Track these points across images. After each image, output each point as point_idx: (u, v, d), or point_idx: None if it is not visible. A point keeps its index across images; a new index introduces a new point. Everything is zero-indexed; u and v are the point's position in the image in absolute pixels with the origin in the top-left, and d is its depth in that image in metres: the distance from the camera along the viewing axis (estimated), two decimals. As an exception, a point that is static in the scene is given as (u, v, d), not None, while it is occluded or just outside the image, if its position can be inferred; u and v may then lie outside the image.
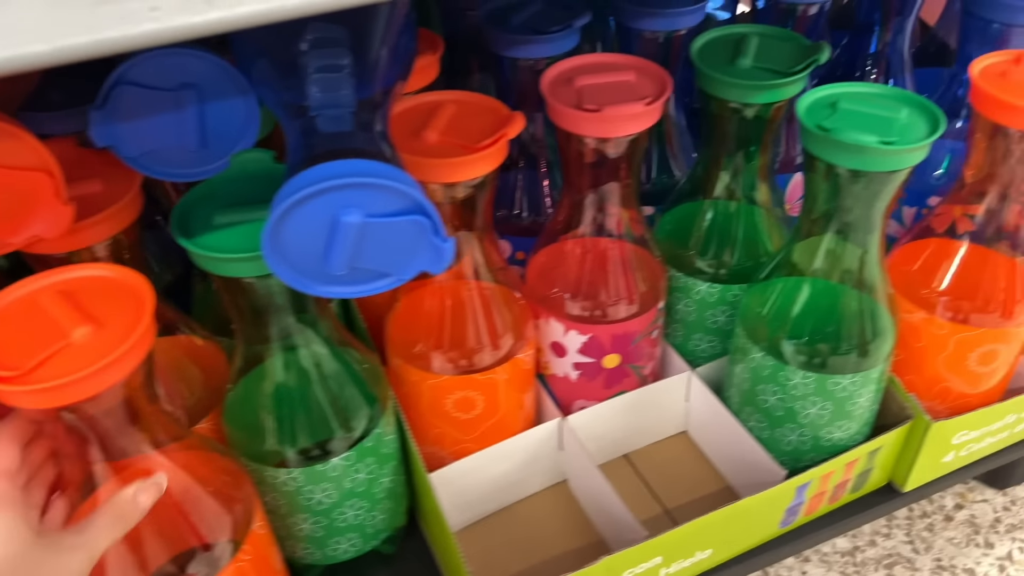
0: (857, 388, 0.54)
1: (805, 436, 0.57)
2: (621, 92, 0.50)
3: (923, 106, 0.48)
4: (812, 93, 0.49)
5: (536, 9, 0.60)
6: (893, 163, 0.45)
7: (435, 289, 0.54)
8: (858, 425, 0.58)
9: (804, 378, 0.54)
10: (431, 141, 0.46)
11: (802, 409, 0.56)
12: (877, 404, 0.58)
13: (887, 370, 0.57)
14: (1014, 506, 0.81)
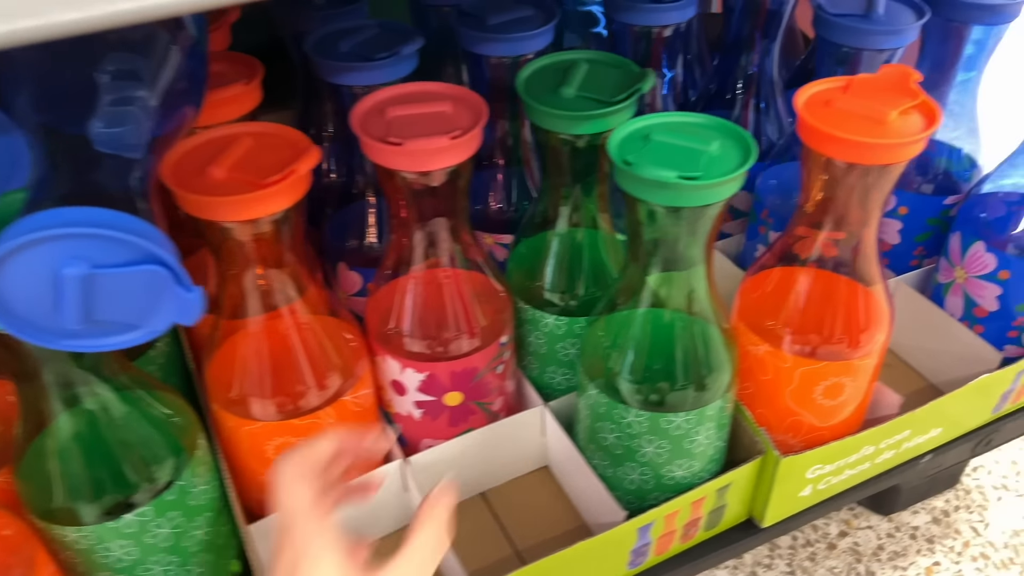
0: (693, 426, 0.53)
1: (646, 475, 0.55)
2: (432, 124, 0.48)
3: (737, 136, 0.46)
4: (627, 125, 0.47)
5: (368, 36, 0.57)
6: (696, 199, 0.43)
7: (254, 330, 0.51)
8: (702, 463, 0.56)
9: (637, 416, 0.52)
10: (217, 177, 0.44)
11: (639, 448, 0.54)
12: (722, 440, 0.56)
13: (729, 406, 0.55)
14: (898, 532, 0.79)
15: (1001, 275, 0.64)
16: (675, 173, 0.42)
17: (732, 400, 0.55)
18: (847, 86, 0.50)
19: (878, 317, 0.55)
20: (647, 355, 0.51)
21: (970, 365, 0.66)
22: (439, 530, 0.37)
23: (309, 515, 0.36)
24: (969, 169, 0.72)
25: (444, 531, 0.37)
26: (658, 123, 0.47)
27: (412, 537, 0.37)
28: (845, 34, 0.59)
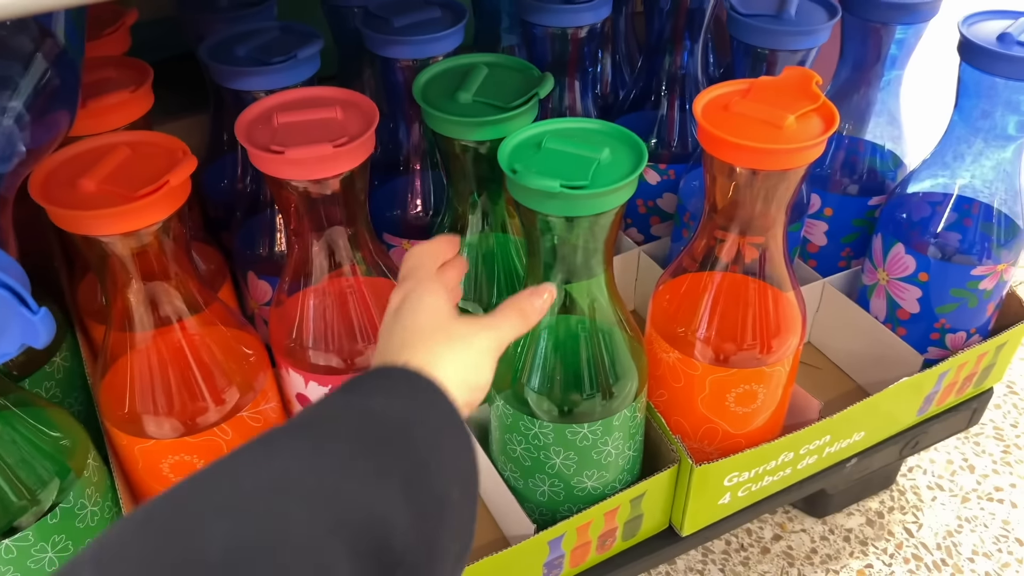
0: (600, 436, 0.51)
1: (557, 487, 0.54)
2: (319, 131, 0.46)
3: (631, 143, 0.45)
4: (519, 133, 0.46)
5: (268, 39, 0.56)
6: (581, 208, 0.42)
7: (144, 345, 0.49)
8: (613, 473, 0.55)
9: (542, 428, 0.51)
10: (88, 190, 0.42)
11: (548, 459, 0.53)
12: (633, 450, 0.55)
13: (639, 415, 0.54)
14: (832, 535, 0.79)
15: (921, 277, 0.63)
16: (558, 182, 0.41)
17: (642, 409, 0.54)
18: (748, 90, 0.49)
19: (789, 322, 0.54)
20: (551, 365, 0.50)
21: (894, 368, 0.66)
22: (526, 307, 0.41)
23: (423, 269, 0.41)
24: (895, 169, 0.71)
25: (531, 311, 0.41)
26: (551, 130, 0.46)
27: (502, 307, 0.41)
28: (757, 35, 0.58)
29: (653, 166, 0.73)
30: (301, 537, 0.26)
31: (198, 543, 0.25)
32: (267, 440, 0.31)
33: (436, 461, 0.32)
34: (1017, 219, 0.62)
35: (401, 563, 0.29)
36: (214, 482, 0.28)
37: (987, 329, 0.67)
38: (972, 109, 0.59)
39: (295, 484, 0.28)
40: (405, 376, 0.35)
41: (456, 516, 0.33)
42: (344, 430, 0.31)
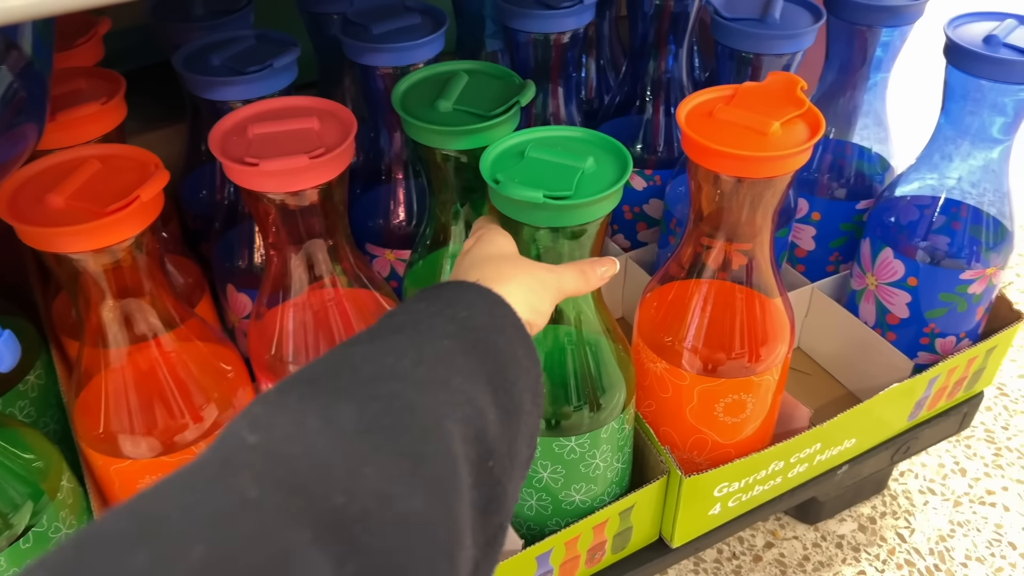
0: (588, 449, 0.51)
1: (544, 500, 0.53)
2: (295, 142, 0.45)
3: (615, 151, 0.44)
4: (502, 141, 0.45)
5: (243, 48, 0.55)
6: (563, 219, 0.41)
7: (118, 363, 0.48)
8: (602, 486, 0.54)
9: None
10: (55, 206, 0.41)
11: (534, 473, 0.52)
12: (621, 462, 0.54)
13: (627, 427, 0.53)
14: (824, 542, 0.78)
15: (910, 282, 0.63)
16: (542, 192, 0.40)
17: (630, 420, 0.53)
18: (733, 96, 0.48)
19: (777, 330, 0.53)
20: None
21: (884, 373, 0.65)
22: (587, 269, 0.42)
23: (495, 224, 0.43)
24: (882, 172, 0.71)
25: (592, 274, 0.42)
26: (534, 139, 0.45)
27: (565, 263, 0.42)
28: (741, 39, 0.58)
29: (639, 172, 0.73)
30: (424, 417, 0.29)
31: (333, 415, 0.27)
32: (375, 335, 0.33)
33: (514, 369, 0.34)
34: (1005, 221, 0.61)
35: (492, 454, 0.31)
36: (334, 368, 0.30)
37: (977, 333, 0.66)
38: (959, 112, 0.58)
39: (409, 373, 0.30)
40: (478, 291, 0.37)
41: (527, 423, 0.35)
42: (440, 330, 0.33)
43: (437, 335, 0.33)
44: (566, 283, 0.41)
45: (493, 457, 0.31)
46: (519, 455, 0.34)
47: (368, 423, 0.27)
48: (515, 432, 0.33)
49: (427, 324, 0.34)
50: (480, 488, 0.30)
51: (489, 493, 0.31)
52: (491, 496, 0.31)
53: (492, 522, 0.31)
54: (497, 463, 0.31)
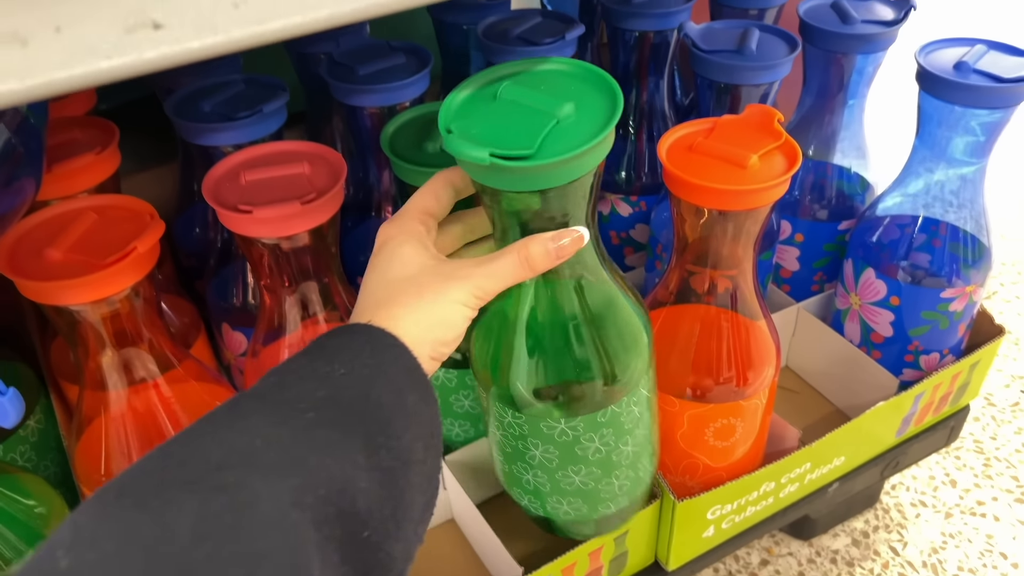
0: (583, 432, 0.46)
1: (541, 478, 0.49)
2: (287, 188, 0.46)
3: (606, 91, 0.37)
4: (478, 78, 0.39)
5: (233, 92, 0.56)
6: (523, 181, 0.35)
7: (118, 410, 0.49)
8: (607, 469, 0.48)
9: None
10: (53, 259, 0.42)
11: (526, 449, 0.48)
12: (636, 445, 0.49)
13: (636, 408, 0.47)
14: (819, 557, 0.79)
15: (892, 301, 0.64)
16: (488, 151, 0.34)
17: (642, 402, 0.47)
18: (712, 129, 0.50)
19: (763, 355, 0.54)
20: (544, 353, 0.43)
21: (871, 391, 0.66)
22: (533, 252, 0.37)
23: (408, 212, 0.40)
24: (862, 192, 0.72)
25: (539, 256, 0.37)
26: (512, 74, 0.39)
27: (506, 247, 0.38)
28: (719, 71, 0.59)
29: (625, 198, 0.74)
30: (267, 511, 0.27)
31: (169, 520, 0.26)
32: (233, 408, 0.31)
33: (400, 420, 0.33)
34: (983, 238, 0.63)
35: (367, 524, 0.30)
36: (183, 456, 0.29)
37: (960, 349, 0.67)
38: (933, 134, 0.59)
39: (260, 456, 0.29)
40: (367, 335, 0.35)
41: (421, 471, 0.34)
42: (307, 398, 0.32)
43: (303, 405, 0.31)
44: (488, 284, 0.37)
45: (369, 527, 0.30)
46: (411, 507, 0.33)
47: (207, 525, 0.26)
48: (402, 488, 0.32)
49: (294, 392, 0.32)
50: (354, 562, 0.29)
51: (368, 562, 0.30)
52: (372, 564, 0.30)
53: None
54: (375, 530, 0.30)
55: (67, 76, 0.25)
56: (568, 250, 0.38)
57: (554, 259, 0.37)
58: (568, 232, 0.38)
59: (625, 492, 0.50)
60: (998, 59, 0.57)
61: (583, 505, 0.50)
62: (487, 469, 0.63)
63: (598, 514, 0.51)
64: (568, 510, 0.50)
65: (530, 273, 0.37)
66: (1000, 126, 0.57)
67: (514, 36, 0.63)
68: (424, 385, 0.35)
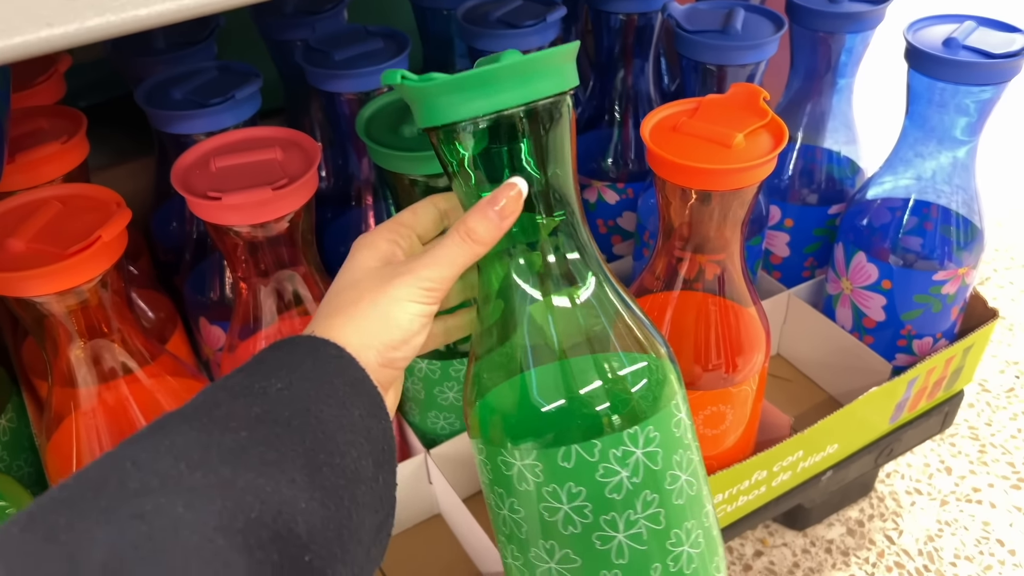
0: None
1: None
2: (258, 174, 0.45)
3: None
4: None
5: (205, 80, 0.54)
6: (433, 112, 0.32)
7: (89, 406, 0.47)
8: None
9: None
10: (16, 250, 0.41)
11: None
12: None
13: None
14: (813, 547, 0.78)
15: (884, 285, 0.63)
16: (400, 73, 0.32)
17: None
18: (696, 109, 0.48)
19: (752, 340, 0.53)
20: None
21: (863, 377, 0.65)
22: (472, 226, 0.34)
23: (386, 223, 0.38)
24: (852, 176, 0.71)
25: (480, 229, 0.33)
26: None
27: (448, 231, 0.35)
28: (704, 51, 0.58)
29: (611, 186, 0.73)
30: (190, 537, 0.25)
31: (79, 554, 0.24)
32: (159, 429, 0.29)
33: (343, 436, 0.31)
34: (975, 220, 0.62)
35: (308, 548, 0.28)
36: (100, 480, 0.27)
37: (953, 333, 0.66)
38: (923, 114, 0.58)
39: (184, 479, 0.27)
40: (310, 347, 0.32)
41: (371, 489, 0.31)
42: (240, 417, 0.29)
43: (234, 424, 0.29)
44: (434, 274, 0.34)
45: (311, 550, 0.28)
46: (360, 528, 0.30)
47: (120, 558, 0.24)
48: (348, 508, 0.30)
49: (225, 410, 0.30)
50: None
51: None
52: None
53: None
54: (318, 554, 0.28)
55: (7, 45, 0.23)
56: (510, 208, 0.33)
57: (497, 224, 0.33)
58: (504, 188, 0.33)
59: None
60: (987, 35, 0.56)
61: None
62: (473, 463, 0.62)
63: None
64: None
65: (477, 247, 0.34)
66: (991, 104, 0.56)
67: (495, 19, 0.61)
68: (373, 398, 0.32)
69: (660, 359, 0.36)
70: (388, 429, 0.33)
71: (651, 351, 0.36)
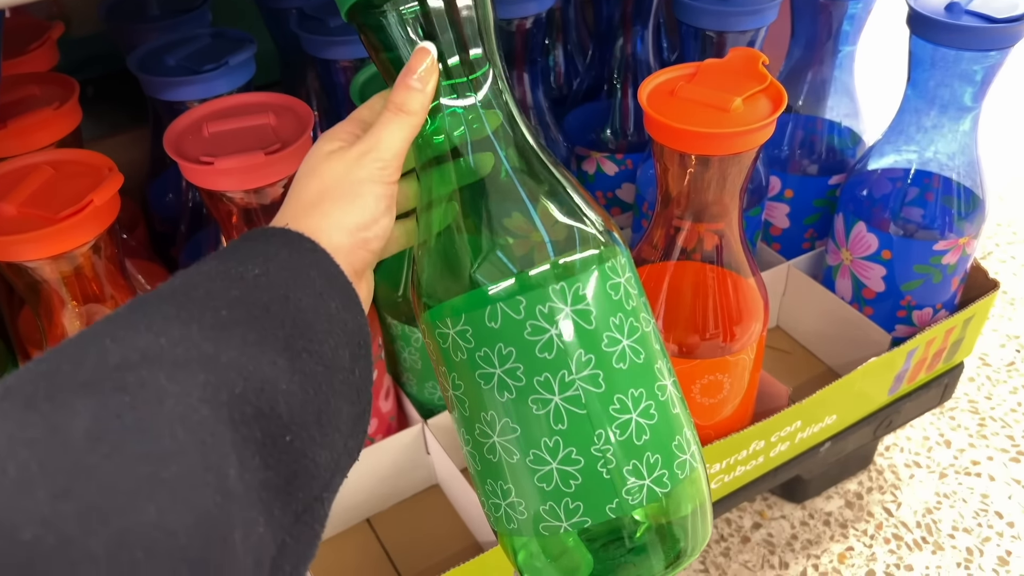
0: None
1: None
2: (251, 138, 0.44)
3: None
4: None
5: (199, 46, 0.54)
6: None
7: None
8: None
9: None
10: (7, 215, 0.40)
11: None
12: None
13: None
14: (812, 520, 0.78)
15: (884, 255, 0.62)
16: None
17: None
18: (695, 74, 0.48)
19: (750, 309, 0.53)
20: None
21: (863, 348, 0.65)
22: (400, 100, 0.34)
23: (342, 122, 0.37)
24: (853, 146, 0.70)
25: (407, 99, 0.34)
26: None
27: (379, 118, 0.35)
28: (703, 17, 0.57)
29: (610, 156, 0.72)
30: (175, 407, 0.25)
31: (61, 421, 0.23)
32: (136, 309, 0.28)
33: (321, 325, 0.31)
34: (976, 190, 0.61)
35: (289, 428, 0.28)
36: (79, 356, 0.26)
37: (953, 304, 0.66)
38: (925, 82, 0.58)
39: (166, 354, 0.26)
40: (284, 238, 0.32)
41: (348, 380, 0.31)
42: (220, 297, 0.29)
43: (214, 304, 0.29)
44: (386, 148, 0.34)
45: (291, 431, 0.28)
46: (337, 415, 0.31)
47: (104, 426, 0.24)
48: (327, 394, 0.30)
49: (204, 290, 0.29)
50: (276, 467, 0.27)
51: (291, 468, 0.28)
52: (295, 471, 0.28)
53: (297, 498, 0.29)
54: (298, 436, 0.28)
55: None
56: (427, 73, 0.34)
57: (420, 90, 0.34)
58: (415, 56, 0.34)
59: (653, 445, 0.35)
60: (990, 0, 0.55)
61: (591, 489, 0.34)
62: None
63: (617, 504, 0.34)
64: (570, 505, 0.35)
65: (411, 118, 0.34)
66: (994, 70, 0.55)
67: None
68: (348, 293, 0.32)
69: (592, 223, 0.36)
70: (364, 325, 0.33)
71: (584, 217, 0.36)
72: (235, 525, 0.25)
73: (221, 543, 0.24)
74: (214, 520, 0.24)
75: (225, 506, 0.25)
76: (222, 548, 0.24)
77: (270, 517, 0.27)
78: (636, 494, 0.35)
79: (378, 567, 0.59)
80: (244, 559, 0.25)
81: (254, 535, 0.26)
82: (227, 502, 0.25)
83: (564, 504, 0.34)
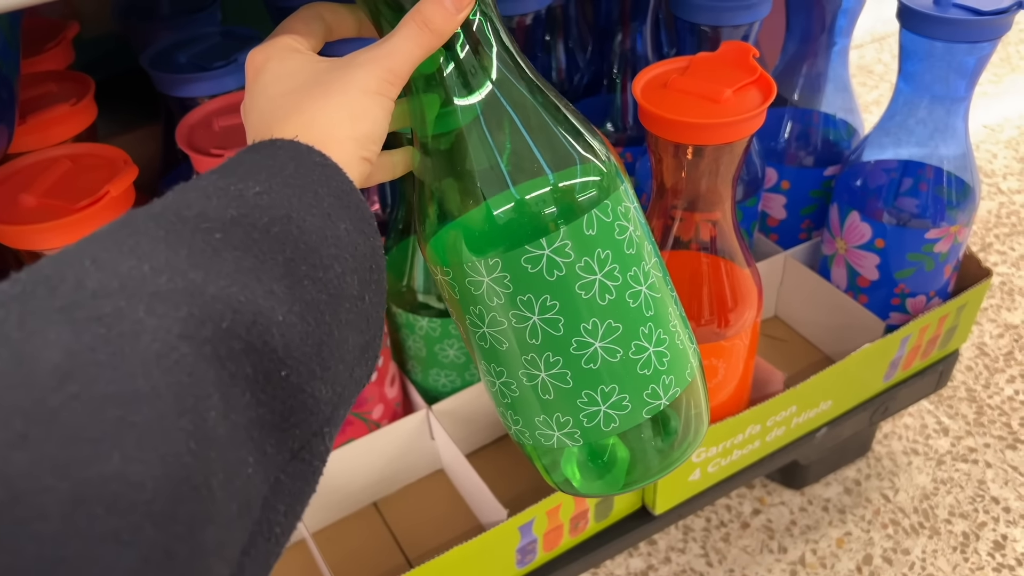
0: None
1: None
2: (260, 132, 0.46)
3: None
4: None
5: (209, 44, 0.56)
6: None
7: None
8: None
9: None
10: (28, 205, 0.42)
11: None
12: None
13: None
14: (810, 506, 0.80)
15: (877, 243, 0.64)
16: None
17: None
18: (687, 67, 0.49)
19: (744, 294, 0.54)
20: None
21: (858, 335, 0.66)
22: (428, 11, 0.32)
23: (285, 28, 0.36)
24: (848, 138, 0.72)
25: (436, 15, 0.32)
26: None
27: (398, 26, 0.32)
28: (698, 12, 0.59)
29: (610, 150, 0.74)
30: (151, 344, 0.23)
31: (31, 353, 0.22)
32: (123, 227, 0.26)
33: (328, 249, 0.28)
34: (967, 179, 0.62)
35: (285, 363, 0.26)
36: (56, 278, 0.24)
37: (946, 291, 0.67)
38: (915, 74, 0.59)
39: (148, 282, 0.24)
40: (291, 151, 0.30)
41: (356, 308, 0.29)
42: (214, 218, 0.27)
43: (208, 225, 0.26)
44: (397, 60, 0.32)
45: (287, 365, 0.26)
46: (342, 346, 0.29)
47: (75, 361, 0.22)
48: (330, 325, 0.28)
49: (199, 209, 0.27)
50: (270, 404, 0.26)
51: (287, 404, 0.26)
52: (292, 407, 0.27)
53: (294, 435, 0.27)
54: (295, 370, 0.26)
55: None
56: (466, 2, 0.32)
57: (453, 13, 0.32)
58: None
59: (671, 364, 0.38)
60: (979, -6, 0.56)
61: (623, 398, 0.37)
62: (474, 419, 0.63)
63: (645, 409, 0.38)
64: (609, 414, 0.37)
65: (433, 38, 0.32)
66: (982, 61, 0.57)
67: None
68: (360, 212, 0.30)
69: (597, 155, 0.38)
70: (377, 247, 0.31)
71: (588, 148, 0.38)
72: (214, 472, 0.23)
73: (193, 493, 0.23)
74: (187, 468, 0.22)
75: (201, 452, 0.23)
76: (194, 499, 0.23)
77: (261, 456, 0.26)
78: (671, 385, 0.39)
79: (385, 548, 0.60)
80: (225, 506, 0.24)
81: (239, 478, 0.25)
82: (204, 448, 0.23)
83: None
